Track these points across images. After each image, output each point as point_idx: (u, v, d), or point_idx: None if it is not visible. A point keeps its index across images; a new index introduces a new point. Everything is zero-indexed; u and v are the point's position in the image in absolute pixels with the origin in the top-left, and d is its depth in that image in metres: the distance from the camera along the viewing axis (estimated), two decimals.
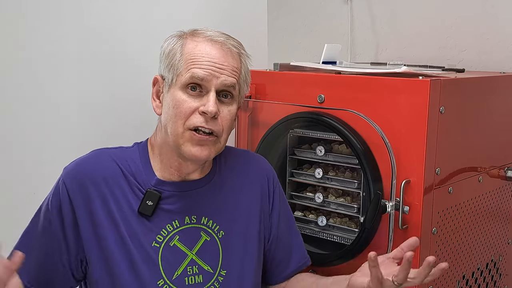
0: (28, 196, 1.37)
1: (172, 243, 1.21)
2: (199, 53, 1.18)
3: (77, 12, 1.43)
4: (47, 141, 1.40)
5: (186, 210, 1.23)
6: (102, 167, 1.20)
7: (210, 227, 1.25)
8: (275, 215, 1.35)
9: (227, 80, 1.18)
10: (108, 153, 1.24)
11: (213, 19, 1.68)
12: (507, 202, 1.67)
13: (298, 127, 1.53)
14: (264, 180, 1.35)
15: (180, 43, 1.21)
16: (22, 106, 1.36)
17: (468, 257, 1.51)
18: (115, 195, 1.19)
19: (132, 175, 1.21)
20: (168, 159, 1.22)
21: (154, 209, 1.20)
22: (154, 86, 1.25)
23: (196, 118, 1.16)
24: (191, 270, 1.21)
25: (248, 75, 1.27)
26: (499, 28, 1.80)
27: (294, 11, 2.27)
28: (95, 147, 1.45)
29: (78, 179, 1.18)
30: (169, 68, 1.20)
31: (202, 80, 1.17)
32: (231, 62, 1.20)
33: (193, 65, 1.17)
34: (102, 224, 1.17)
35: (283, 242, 1.36)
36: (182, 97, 1.17)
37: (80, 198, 1.17)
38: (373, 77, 1.37)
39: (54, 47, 1.39)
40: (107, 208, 1.18)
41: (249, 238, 1.29)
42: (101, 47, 1.47)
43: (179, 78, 1.18)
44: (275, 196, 1.36)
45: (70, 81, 1.42)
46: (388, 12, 2.04)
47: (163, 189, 1.22)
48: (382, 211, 1.30)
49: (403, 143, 1.30)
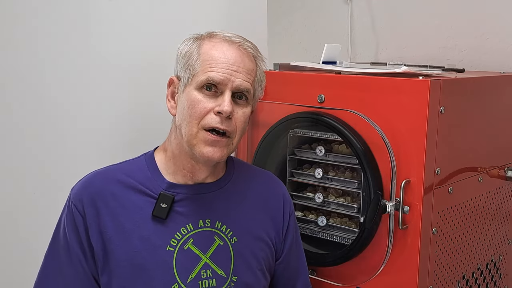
0: (28, 196, 1.38)
1: (186, 246, 1.20)
2: (216, 53, 1.19)
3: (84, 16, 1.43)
4: (47, 141, 1.39)
5: (200, 213, 1.23)
6: (108, 183, 1.20)
7: (223, 232, 1.25)
8: (289, 238, 1.35)
9: (242, 84, 1.19)
10: (112, 169, 1.24)
11: (213, 19, 1.68)
12: (507, 202, 1.67)
13: (298, 127, 1.53)
14: (281, 202, 1.35)
15: (197, 44, 1.22)
16: (23, 106, 1.35)
17: (468, 257, 1.51)
18: (125, 206, 1.19)
19: (141, 183, 1.21)
20: (181, 161, 1.22)
21: (168, 212, 1.20)
22: (169, 87, 1.26)
23: (211, 118, 1.17)
24: (204, 274, 1.21)
25: (263, 78, 1.28)
26: (499, 28, 1.80)
27: (294, 11, 2.27)
28: (95, 147, 1.46)
29: (87, 199, 1.18)
30: (186, 68, 1.20)
31: (218, 83, 1.17)
32: (247, 64, 1.21)
33: (210, 67, 1.18)
34: (112, 240, 1.17)
35: (291, 266, 1.36)
36: (198, 97, 1.17)
37: (90, 216, 1.17)
38: (373, 77, 1.37)
39: (58, 45, 1.39)
40: (117, 222, 1.18)
41: (260, 251, 1.29)
42: (102, 47, 1.47)
43: (195, 78, 1.18)
44: (291, 220, 1.36)
45: (71, 81, 1.42)
46: (388, 12, 2.04)
47: (175, 191, 1.22)
48: (382, 211, 1.30)
49: (403, 143, 1.30)
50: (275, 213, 1.33)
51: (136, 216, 1.19)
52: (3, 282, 1.36)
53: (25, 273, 1.23)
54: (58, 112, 1.41)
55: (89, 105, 1.45)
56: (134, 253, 1.17)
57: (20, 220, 1.37)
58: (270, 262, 1.31)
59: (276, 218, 1.33)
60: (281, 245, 1.34)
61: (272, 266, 1.33)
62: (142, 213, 1.19)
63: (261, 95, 1.30)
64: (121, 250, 1.17)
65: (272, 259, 1.32)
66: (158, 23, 1.56)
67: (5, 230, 1.36)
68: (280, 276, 1.35)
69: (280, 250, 1.34)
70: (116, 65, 1.47)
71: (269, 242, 1.30)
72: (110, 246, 1.17)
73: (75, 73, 1.42)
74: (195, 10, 1.66)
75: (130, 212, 1.19)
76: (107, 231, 1.17)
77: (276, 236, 1.32)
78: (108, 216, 1.18)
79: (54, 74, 1.39)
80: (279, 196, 1.35)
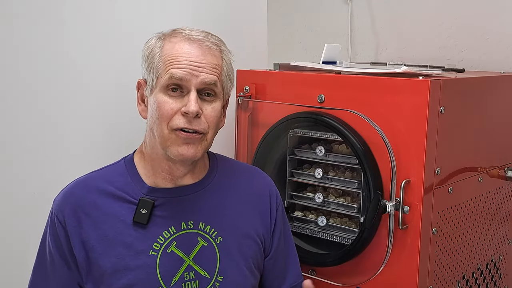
0: (28, 196, 1.38)
1: (170, 249, 1.20)
2: (177, 52, 1.17)
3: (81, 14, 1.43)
4: (47, 141, 1.39)
5: (182, 216, 1.23)
6: (89, 192, 1.20)
7: (207, 232, 1.24)
8: (277, 233, 1.34)
9: (207, 78, 1.17)
10: (93, 177, 1.23)
11: (213, 19, 1.68)
12: (507, 202, 1.67)
13: (298, 127, 1.53)
14: (267, 196, 1.34)
15: (159, 44, 1.20)
16: (23, 106, 1.35)
17: (468, 257, 1.51)
18: (107, 214, 1.19)
19: (121, 189, 1.21)
20: (158, 164, 1.22)
21: (149, 217, 1.19)
22: (139, 90, 1.25)
23: (178, 120, 1.16)
24: (187, 276, 1.20)
25: (232, 71, 1.26)
26: (499, 28, 1.80)
27: (294, 11, 2.27)
28: (95, 146, 1.46)
29: (68, 209, 1.18)
30: (150, 70, 1.19)
31: (181, 80, 1.16)
32: (210, 59, 1.19)
33: (171, 65, 1.16)
34: (94, 249, 1.17)
35: (281, 259, 1.35)
36: (163, 98, 1.16)
37: (72, 227, 1.18)
38: (373, 77, 1.37)
39: (54, 46, 1.39)
40: (100, 231, 1.18)
41: (247, 248, 1.28)
42: (97, 49, 1.47)
43: (159, 80, 1.17)
44: (278, 213, 1.35)
45: (71, 81, 1.42)
46: (388, 12, 2.04)
47: (156, 196, 1.21)
48: (382, 211, 1.30)
49: (403, 143, 1.30)
50: (262, 209, 1.32)
51: (118, 223, 1.19)
52: (3, 282, 1.36)
53: (25, 273, 1.23)
54: (58, 112, 1.41)
55: (89, 105, 1.45)
56: (118, 259, 1.17)
57: (20, 220, 1.37)
58: (258, 259, 1.30)
59: (264, 213, 1.32)
60: (270, 241, 1.33)
61: (261, 263, 1.32)
62: (124, 220, 1.19)
63: (231, 88, 1.27)
64: (105, 258, 1.17)
65: (260, 256, 1.31)
66: (157, 23, 1.55)
67: (5, 230, 1.36)
68: (270, 271, 1.34)
69: (269, 246, 1.33)
70: (111, 65, 1.47)
71: (257, 239, 1.29)
72: (93, 255, 1.17)
73: (77, 73, 1.42)
74: (195, 10, 1.66)
75: (112, 220, 1.19)
76: (89, 240, 1.17)
77: (264, 232, 1.31)
78: (91, 226, 1.18)
79: (59, 76, 1.39)
80: (265, 191, 1.34)
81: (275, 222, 1.33)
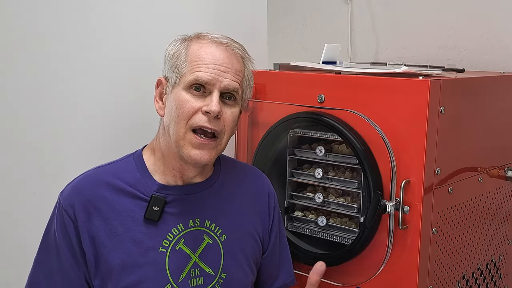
0: (28, 196, 1.37)
1: (178, 246, 1.21)
2: (204, 54, 1.19)
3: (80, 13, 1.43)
4: (47, 141, 1.39)
5: (190, 213, 1.24)
6: (98, 186, 1.20)
7: (212, 230, 1.26)
8: (274, 231, 1.37)
9: (230, 84, 1.19)
10: (102, 171, 1.23)
11: (213, 19, 1.68)
12: (507, 202, 1.67)
13: (298, 127, 1.53)
14: (266, 196, 1.37)
15: (185, 45, 1.22)
16: (23, 105, 1.35)
17: (468, 257, 1.51)
18: (117, 210, 1.19)
19: (131, 185, 1.21)
20: (170, 162, 1.23)
21: (160, 214, 1.20)
22: (157, 88, 1.26)
23: (199, 118, 1.17)
24: (193, 273, 1.22)
25: (251, 79, 1.29)
26: (499, 28, 1.80)
27: (294, 11, 2.27)
28: (95, 147, 1.46)
29: (79, 204, 1.18)
30: (174, 69, 1.21)
31: (206, 83, 1.18)
32: (235, 64, 1.21)
33: (197, 67, 1.18)
34: (104, 244, 1.17)
35: (275, 258, 1.38)
36: (186, 97, 1.18)
37: (82, 222, 1.17)
38: (373, 77, 1.37)
39: (55, 46, 1.39)
40: (110, 226, 1.18)
41: (249, 247, 1.31)
42: (103, 48, 1.47)
43: (183, 79, 1.18)
44: (275, 214, 1.38)
45: (72, 81, 1.42)
46: (388, 12, 2.04)
47: (166, 193, 1.22)
48: (382, 211, 1.30)
49: (403, 143, 1.30)
50: (261, 208, 1.35)
51: (128, 220, 1.19)
52: (3, 282, 1.36)
53: (25, 273, 1.23)
54: (58, 112, 1.41)
55: (88, 105, 1.45)
56: (127, 256, 1.18)
57: (20, 220, 1.37)
58: (257, 257, 1.34)
59: (263, 213, 1.35)
60: (267, 239, 1.36)
61: (258, 261, 1.35)
62: (134, 216, 1.19)
63: (250, 96, 1.30)
64: (114, 254, 1.17)
65: (259, 254, 1.34)
66: (156, 23, 1.56)
67: (5, 230, 1.36)
68: (264, 269, 1.37)
69: (266, 244, 1.36)
70: (109, 65, 1.47)
71: (257, 237, 1.33)
72: (102, 251, 1.17)
73: (78, 73, 1.42)
74: (194, 10, 1.66)
75: (122, 216, 1.19)
76: (99, 236, 1.17)
77: (263, 231, 1.35)
78: (100, 221, 1.18)
79: (59, 76, 1.39)
80: (264, 191, 1.37)
81: (272, 221, 1.37)
